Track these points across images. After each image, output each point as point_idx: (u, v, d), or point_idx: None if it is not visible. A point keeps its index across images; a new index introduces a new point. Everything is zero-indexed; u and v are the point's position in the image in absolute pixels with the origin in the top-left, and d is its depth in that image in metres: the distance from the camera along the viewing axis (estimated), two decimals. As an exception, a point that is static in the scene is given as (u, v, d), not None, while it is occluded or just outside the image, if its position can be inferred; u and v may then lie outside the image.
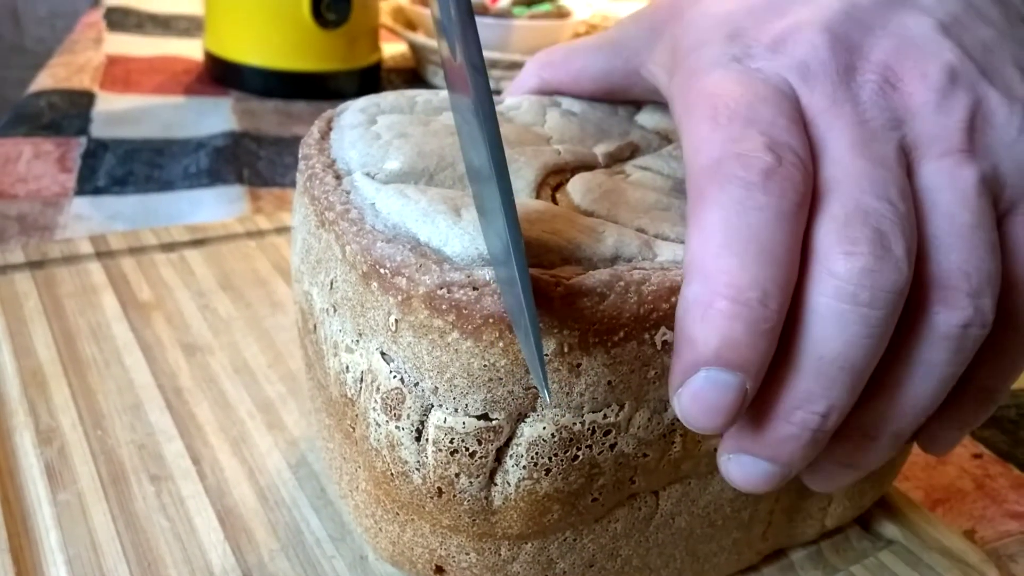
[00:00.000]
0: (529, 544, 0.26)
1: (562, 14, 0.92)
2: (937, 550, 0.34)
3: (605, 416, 0.24)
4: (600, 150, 0.30)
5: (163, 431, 0.36)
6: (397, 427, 0.24)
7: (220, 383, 0.39)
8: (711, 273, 0.21)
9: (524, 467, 0.24)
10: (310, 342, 0.29)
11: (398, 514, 0.27)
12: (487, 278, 0.22)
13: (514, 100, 0.33)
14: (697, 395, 0.21)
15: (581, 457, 0.24)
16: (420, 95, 0.32)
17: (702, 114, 0.23)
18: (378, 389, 0.24)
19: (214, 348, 0.41)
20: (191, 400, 0.37)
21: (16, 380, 0.37)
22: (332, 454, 0.30)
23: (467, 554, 0.27)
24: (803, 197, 0.21)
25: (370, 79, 0.86)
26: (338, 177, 0.27)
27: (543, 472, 0.24)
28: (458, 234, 0.23)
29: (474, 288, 0.21)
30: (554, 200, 0.27)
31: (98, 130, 0.68)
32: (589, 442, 0.24)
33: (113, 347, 0.40)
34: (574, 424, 0.23)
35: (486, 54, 0.84)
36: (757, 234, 0.21)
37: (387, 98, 0.31)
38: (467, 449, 0.23)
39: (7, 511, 0.31)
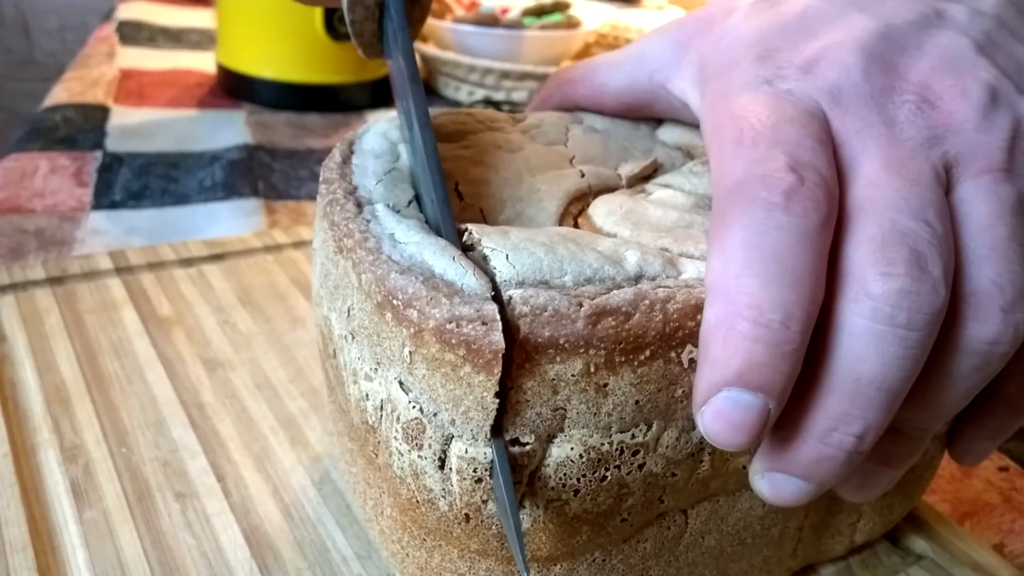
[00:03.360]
0: (558, 566, 0.26)
1: (572, 24, 0.93)
2: (968, 565, 0.34)
3: (633, 436, 0.23)
4: (623, 171, 0.30)
5: (187, 447, 0.35)
6: (419, 456, 0.23)
7: (242, 399, 0.39)
8: (732, 294, 0.20)
9: (552, 488, 0.23)
10: (331, 367, 0.29)
11: (425, 540, 0.27)
12: (495, 313, 0.21)
13: (536, 117, 0.33)
14: (719, 414, 0.21)
15: (610, 478, 0.24)
16: (442, 117, 0.32)
17: (728, 136, 0.23)
18: (398, 419, 0.24)
19: (235, 363, 0.41)
20: (214, 416, 0.37)
21: (39, 397, 0.37)
22: (356, 478, 0.30)
23: None
24: (826, 217, 0.21)
25: (382, 91, 0.86)
26: (359, 205, 0.26)
27: (572, 493, 0.24)
28: (476, 270, 0.22)
29: (483, 323, 0.21)
30: (576, 226, 0.27)
31: (113, 144, 0.69)
32: (618, 462, 0.24)
33: (135, 363, 0.40)
34: (602, 445, 0.23)
35: (498, 65, 0.85)
36: (779, 255, 0.20)
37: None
38: (492, 477, 0.23)
39: (34, 530, 0.31)
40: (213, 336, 0.43)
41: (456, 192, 0.27)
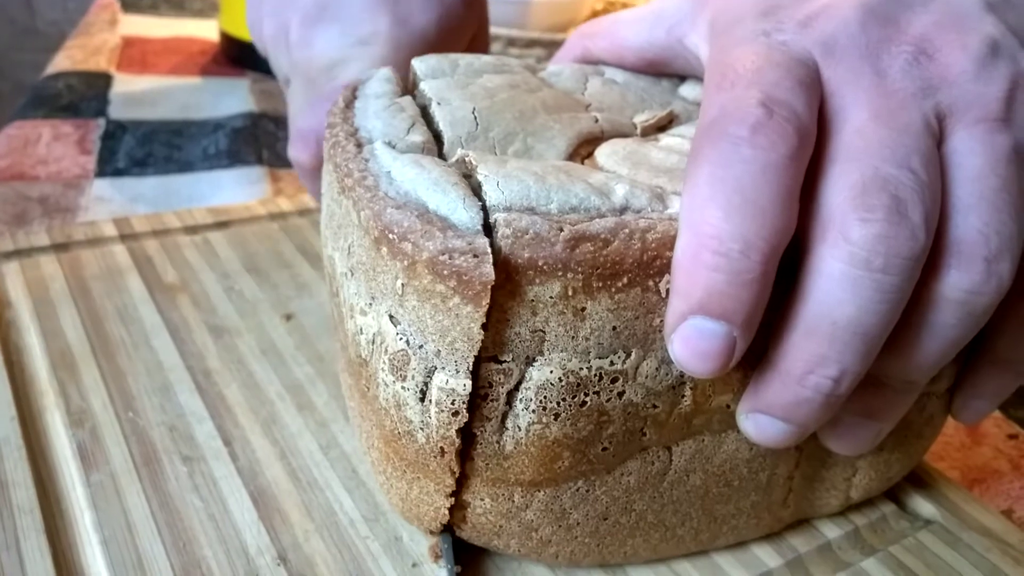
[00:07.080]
0: (542, 492, 0.27)
1: (580, -9, 0.91)
2: (976, 529, 0.33)
3: (612, 363, 0.24)
4: (638, 120, 0.30)
5: (193, 412, 0.35)
6: (403, 387, 0.24)
7: (248, 365, 0.39)
8: (697, 225, 0.21)
9: (533, 411, 0.24)
10: (335, 304, 0.30)
11: (405, 472, 0.27)
12: (486, 247, 0.22)
13: (556, 67, 0.33)
14: (687, 342, 0.22)
15: (589, 403, 0.24)
16: (463, 58, 0.32)
17: (713, 82, 0.24)
18: (386, 351, 0.25)
19: (241, 330, 0.41)
20: (220, 382, 0.37)
21: (45, 361, 0.37)
22: (353, 412, 0.31)
23: (482, 499, 0.27)
24: (794, 150, 0.21)
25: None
26: (359, 145, 0.27)
27: (552, 417, 0.24)
28: (467, 204, 0.23)
29: (474, 255, 0.22)
30: None
31: (116, 111, 0.68)
32: (596, 388, 0.24)
33: (141, 329, 0.40)
34: (581, 369, 0.24)
35: (504, 31, 0.84)
36: (742, 187, 0.21)
37: (428, 61, 0.31)
38: (468, 409, 0.24)
39: (41, 492, 0.31)
40: (219, 303, 0.43)
41: (473, 116, 0.28)
